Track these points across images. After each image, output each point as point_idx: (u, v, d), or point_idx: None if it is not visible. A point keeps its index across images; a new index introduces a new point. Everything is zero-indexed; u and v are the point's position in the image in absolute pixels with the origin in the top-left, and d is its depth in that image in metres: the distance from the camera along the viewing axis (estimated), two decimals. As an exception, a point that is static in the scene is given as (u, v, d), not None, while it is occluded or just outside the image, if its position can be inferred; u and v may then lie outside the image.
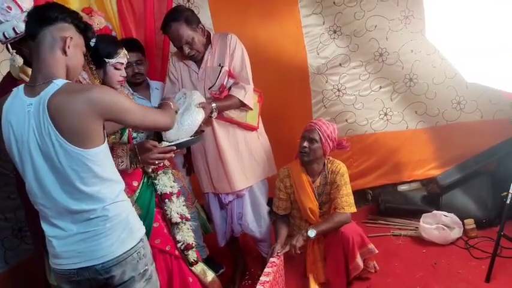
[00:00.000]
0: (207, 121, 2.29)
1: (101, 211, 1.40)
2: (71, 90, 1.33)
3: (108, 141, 1.89)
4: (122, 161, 1.82)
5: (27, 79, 1.82)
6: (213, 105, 2.26)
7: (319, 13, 3.10)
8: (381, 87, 3.27)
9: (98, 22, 2.30)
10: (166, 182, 2.03)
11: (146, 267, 1.51)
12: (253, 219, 2.54)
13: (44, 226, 1.45)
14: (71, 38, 1.40)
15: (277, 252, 2.27)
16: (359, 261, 2.33)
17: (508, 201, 2.45)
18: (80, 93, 1.32)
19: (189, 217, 2.09)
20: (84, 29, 1.47)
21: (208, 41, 2.41)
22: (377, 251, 2.43)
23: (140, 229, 1.53)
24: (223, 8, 3.05)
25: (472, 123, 3.27)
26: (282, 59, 3.16)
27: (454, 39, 2.83)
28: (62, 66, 1.40)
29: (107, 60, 1.89)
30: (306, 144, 2.39)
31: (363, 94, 3.28)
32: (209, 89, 2.37)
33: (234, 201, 2.53)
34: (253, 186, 2.53)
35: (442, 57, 3.07)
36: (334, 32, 3.15)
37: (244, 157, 2.47)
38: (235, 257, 2.79)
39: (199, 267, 2.10)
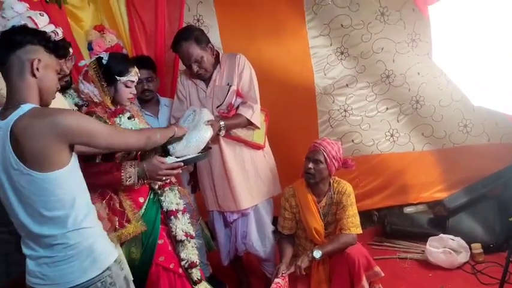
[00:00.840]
0: (215, 139, 2.32)
1: (61, 238, 1.39)
2: (35, 115, 1.33)
3: (116, 156, 1.92)
4: (130, 176, 1.82)
5: None
6: (221, 123, 2.29)
7: (327, 35, 3.14)
8: (387, 109, 3.28)
9: (109, 40, 2.34)
10: (173, 199, 2.03)
11: None
12: (258, 238, 2.53)
13: (22, 243, 1.45)
14: (39, 60, 1.39)
15: (282, 273, 2.24)
16: (365, 284, 2.29)
17: (516, 226, 2.42)
18: (43, 117, 1.33)
19: (194, 235, 2.08)
20: (54, 48, 1.45)
21: (217, 60, 2.45)
22: (383, 274, 2.39)
23: (108, 257, 1.49)
24: (232, 28, 3.11)
25: (478, 146, 3.26)
26: (289, 79, 3.19)
27: (461, 63, 2.85)
28: (33, 89, 1.40)
29: (118, 78, 1.92)
30: (311, 165, 2.38)
31: (370, 115, 3.29)
32: (217, 107, 2.39)
33: (239, 219, 2.52)
34: (259, 205, 2.52)
35: (448, 80, 3.09)
36: (342, 53, 3.18)
37: (250, 176, 2.48)
38: (238, 276, 2.76)
39: (203, 286, 2.08)
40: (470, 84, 2.62)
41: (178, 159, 1.96)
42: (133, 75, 1.97)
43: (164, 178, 1.93)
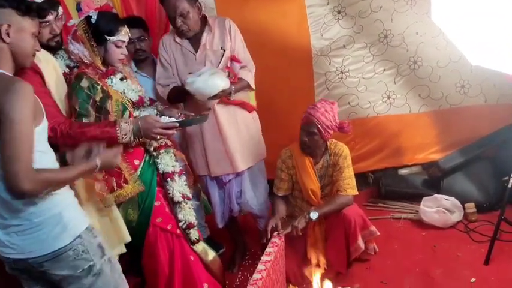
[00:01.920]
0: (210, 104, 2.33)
1: (27, 204, 1.36)
2: None
3: (108, 118, 1.89)
4: (126, 134, 1.81)
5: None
6: (232, 87, 2.29)
7: (324, -7, 3.04)
8: (384, 70, 3.23)
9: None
10: (168, 161, 2.04)
11: (91, 263, 1.46)
12: (253, 196, 2.58)
13: None
14: (8, 25, 1.35)
15: (279, 233, 2.27)
16: (360, 243, 2.34)
17: (509, 186, 2.45)
18: None
19: (191, 196, 2.10)
20: (26, 10, 1.40)
21: (204, 23, 2.39)
22: (378, 233, 2.45)
23: (78, 225, 1.47)
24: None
25: (475, 107, 3.24)
26: (285, 40, 3.11)
27: (460, 22, 2.79)
28: (4, 54, 1.38)
29: (107, 37, 1.88)
30: (305, 138, 2.36)
31: (367, 77, 3.24)
32: None
33: (233, 180, 2.54)
34: (254, 166, 2.55)
35: (447, 40, 3.03)
36: (339, 12, 3.09)
37: (244, 138, 2.49)
38: (234, 237, 2.81)
39: (201, 247, 2.12)
40: (469, 44, 2.58)
41: (174, 120, 1.95)
42: (124, 34, 1.93)
43: (159, 137, 1.92)
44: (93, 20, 1.87)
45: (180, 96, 2.38)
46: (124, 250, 1.98)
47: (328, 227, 2.43)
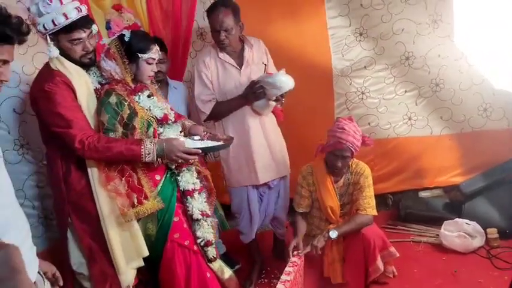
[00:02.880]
0: (256, 113, 2.55)
1: None
2: None
3: (134, 134, 1.94)
4: (149, 153, 1.87)
5: (63, 70, 1.91)
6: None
7: (346, 15, 3.08)
8: (406, 91, 3.24)
9: (127, 19, 2.35)
10: (189, 179, 2.07)
11: None
12: (284, 206, 2.71)
13: None
14: None
15: (299, 253, 2.27)
16: (379, 264, 2.31)
17: (533, 212, 2.40)
18: None
19: (210, 213, 2.11)
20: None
21: (241, 41, 2.55)
22: (398, 255, 2.41)
23: None
24: (249, 9, 3.04)
25: (498, 131, 3.20)
26: (306, 60, 3.15)
27: (483, 45, 2.80)
28: None
29: (139, 55, 1.96)
30: (339, 164, 2.36)
31: (387, 98, 3.25)
32: None
33: (275, 186, 2.66)
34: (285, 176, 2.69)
35: (469, 63, 3.04)
36: (360, 34, 3.13)
37: (280, 144, 2.69)
38: (253, 254, 2.81)
39: (217, 264, 2.13)
40: (492, 67, 2.58)
41: (199, 146, 1.99)
42: (155, 52, 2.01)
43: (180, 161, 1.95)
44: (126, 38, 1.95)
45: (222, 112, 2.52)
46: (142, 264, 2.01)
47: (346, 246, 2.41)
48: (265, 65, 2.61)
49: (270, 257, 2.90)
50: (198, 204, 2.06)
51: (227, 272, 2.16)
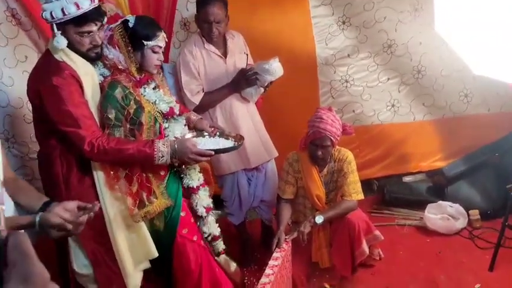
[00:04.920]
0: (243, 100, 2.63)
1: None
2: None
3: (141, 130, 1.84)
4: (163, 156, 1.79)
5: (69, 62, 1.77)
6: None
7: (329, 4, 3.10)
8: (388, 79, 3.29)
9: (109, 9, 2.31)
10: (193, 175, 2.02)
11: None
12: (273, 187, 2.73)
13: None
14: None
15: (285, 238, 2.30)
16: (365, 247, 2.37)
17: (512, 193, 2.48)
18: None
19: (212, 206, 2.08)
20: None
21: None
22: (382, 238, 2.47)
23: None
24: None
25: (479, 115, 3.29)
26: (290, 50, 3.16)
27: (463, 32, 2.85)
28: None
29: (145, 42, 1.83)
30: (320, 153, 2.39)
31: (371, 85, 3.29)
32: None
33: (264, 168, 2.70)
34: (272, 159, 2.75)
35: (450, 49, 3.09)
36: (343, 23, 3.16)
37: (263, 128, 2.75)
38: (243, 240, 2.84)
39: (223, 258, 2.11)
40: (471, 53, 2.63)
41: (212, 148, 1.93)
42: (161, 39, 1.88)
43: (192, 163, 1.90)
44: (130, 24, 1.83)
45: (211, 102, 2.55)
46: (148, 265, 1.96)
47: (333, 232, 2.46)
48: (247, 54, 2.68)
49: (259, 245, 2.93)
50: (202, 201, 2.02)
51: (233, 265, 2.15)
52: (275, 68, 2.49)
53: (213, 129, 2.15)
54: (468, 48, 2.66)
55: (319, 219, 2.33)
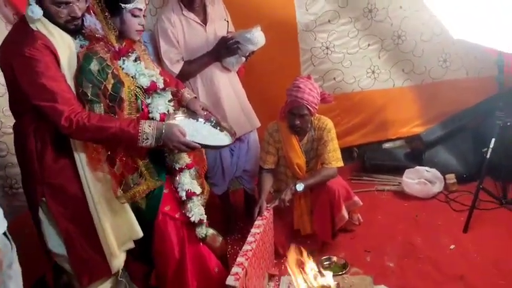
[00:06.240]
0: (224, 70, 2.57)
1: None
2: None
3: (122, 106, 1.72)
4: (147, 138, 1.67)
5: (45, 32, 1.66)
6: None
7: (309, -33, 3.03)
8: (369, 45, 3.27)
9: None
10: (176, 157, 1.90)
11: None
12: (254, 157, 2.73)
13: None
14: None
15: (267, 206, 2.33)
16: (344, 213, 2.42)
17: (487, 157, 2.54)
18: None
19: (198, 192, 1.94)
20: None
21: None
22: (361, 203, 2.53)
23: None
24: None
25: (457, 80, 3.32)
26: (271, 15, 3.10)
27: (443, -5, 2.82)
28: None
29: (123, 5, 1.68)
30: (297, 122, 2.38)
31: (351, 52, 3.27)
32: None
33: (244, 142, 2.68)
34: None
35: (430, 13, 3.07)
36: (324, -14, 3.09)
37: (245, 98, 2.71)
38: (226, 210, 2.87)
39: (210, 233, 2.01)
40: (451, 17, 2.62)
41: (200, 142, 1.79)
42: (141, 1, 1.72)
43: (176, 151, 1.82)
44: None
45: (192, 71, 2.49)
46: (132, 246, 1.90)
47: (313, 199, 2.50)
48: (227, 21, 2.60)
49: (242, 215, 2.97)
50: (184, 185, 1.90)
51: (218, 240, 2.07)
52: (257, 37, 2.43)
53: (206, 113, 2.01)
54: (447, 12, 2.64)
55: (299, 186, 2.36)
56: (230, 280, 1.72)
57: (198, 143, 1.77)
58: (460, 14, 2.48)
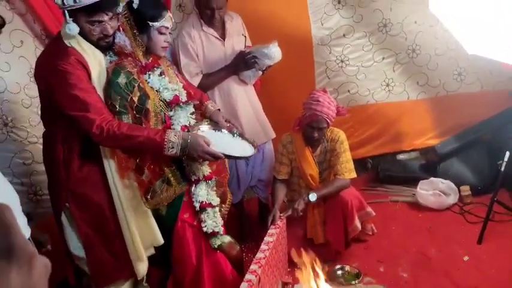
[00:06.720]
0: (241, 83, 2.65)
1: None
2: None
3: (148, 117, 1.80)
4: (173, 147, 1.72)
5: (79, 49, 1.75)
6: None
7: (324, -17, 3.11)
8: (383, 58, 3.31)
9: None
10: (194, 168, 1.93)
11: None
12: (269, 167, 2.78)
13: None
14: None
15: (280, 215, 2.38)
16: (357, 223, 2.45)
17: (502, 169, 2.55)
18: None
19: (215, 203, 1.98)
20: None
21: None
22: (374, 214, 2.55)
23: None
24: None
25: (472, 94, 3.33)
26: (286, 30, 3.17)
27: (457, 11, 2.86)
28: None
29: (151, 23, 1.76)
30: (316, 135, 2.44)
31: (366, 65, 3.32)
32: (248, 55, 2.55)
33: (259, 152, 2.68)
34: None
35: (444, 28, 3.10)
36: (339, 2, 3.16)
37: (261, 110, 2.79)
38: (241, 218, 2.93)
39: (228, 241, 2.04)
40: (465, 32, 2.65)
41: (224, 153, 1.82)
42: (168, 20, 1.81)
43: (201, 160, 1.85)
44: (135, 6, 1.76)
45: (210, 84, 2.57)
46: (153, 252, 1.98)
47: (326, 209, 2.54)
48: (245, 36, 2.69)
49: (256, 223, 3.02)
50: (199, 196, 1.93)
51: (236, 248, 2.09)
52: (274, 53, 2.51)
53: (229, 124, 2.06)
54: (462, 27, 2.68)
55: (312, 197, 2.40)
56: (244, 287, 1.76)
57: (222, 153, 1.81)
58: (474, 30, 2.51)
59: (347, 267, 2.42)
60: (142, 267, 1.94)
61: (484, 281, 2.22)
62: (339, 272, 2.39)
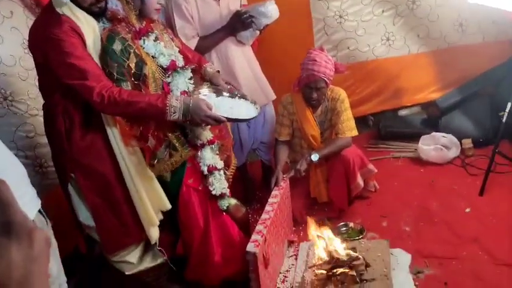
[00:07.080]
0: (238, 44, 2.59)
1: None
2: None
3: (147, 83, 1.78)
4: (175, 112, 1.71)
5: (71, 16, 1.72)
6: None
7: None
8: (383, 11, 3.23)
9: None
10: (197, 133, 1.94)
11: None
12: (270, 130, 2.78)
13: None
14: None
15: (283, 177, 2.40)
16: (359, 180, 2.47)
17: (503, 120, 2.54)
18: None
19: (220, 166, 2.01)
20: None
21: None
22: (376, 171, 2.57)
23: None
24: None
25: (473, 45, 3.26)
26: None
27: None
28: None
29: None
30: (315, 95, 2.41)
31: (365, 19, 3.24)
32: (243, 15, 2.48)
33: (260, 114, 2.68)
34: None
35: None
36: (335, -47, 3.04)
37: (259, 71, 2.74)
38: (245, 181, 2.96)
39: (233, 202, 2.08)
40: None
41: (226, 116, 1.81)
42: None
43: (204, 125, 1.84)
44: None
45: (207, 46, 2.51)
46: (161, 217, 2.00)
47: (329, 168, 2.56)
48: None
49: (260, 185, 3.05)
50: (206, 159, 1.95)
51: (242, 210, 2.13)
52: (271, 10, 2.44)
53: (230, 87, 2.04)
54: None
55: (314, 157, 2.41)
56: (250, 247, 1.81)
57: (226, 117, 1.80)
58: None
59: (351, 224, 2.46)
60: (154, 232, 1.99)
61: (485, 232, 2.26)
62: (343, 229, 2.44)
